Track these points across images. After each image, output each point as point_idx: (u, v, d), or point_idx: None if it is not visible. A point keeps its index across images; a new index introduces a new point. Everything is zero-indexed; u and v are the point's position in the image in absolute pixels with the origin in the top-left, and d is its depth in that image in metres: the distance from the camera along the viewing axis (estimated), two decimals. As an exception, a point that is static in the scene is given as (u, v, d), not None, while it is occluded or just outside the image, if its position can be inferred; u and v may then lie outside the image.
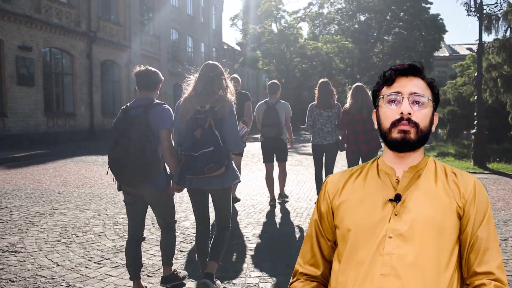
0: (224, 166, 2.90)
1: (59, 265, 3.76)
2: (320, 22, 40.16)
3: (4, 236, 4.60)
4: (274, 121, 6.05)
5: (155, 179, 2.97)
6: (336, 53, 33.68)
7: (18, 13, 15.97)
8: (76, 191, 7.21)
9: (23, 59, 16.22)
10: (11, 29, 15.80)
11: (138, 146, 2.85)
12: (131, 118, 2.96)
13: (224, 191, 3.09)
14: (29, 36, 16.63)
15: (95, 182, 8.16)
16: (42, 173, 9.24)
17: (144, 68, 3.16)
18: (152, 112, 2.99)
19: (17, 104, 16.07)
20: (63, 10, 18.54)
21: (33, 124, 16.75)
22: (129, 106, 3.09)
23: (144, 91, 3.13)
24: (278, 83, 6.53)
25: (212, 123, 2.88)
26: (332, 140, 5.99)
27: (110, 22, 22.02)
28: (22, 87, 16.25)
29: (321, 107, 6.02)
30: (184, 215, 5.59)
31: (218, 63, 3.16)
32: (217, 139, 2.85)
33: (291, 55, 35.02)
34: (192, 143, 2.87)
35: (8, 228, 4.93)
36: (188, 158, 2.87)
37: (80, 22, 19.50)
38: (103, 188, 7.47)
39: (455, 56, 52.17)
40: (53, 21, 17.82)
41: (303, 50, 34.86)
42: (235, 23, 41.76)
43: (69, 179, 8.46)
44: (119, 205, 6.16)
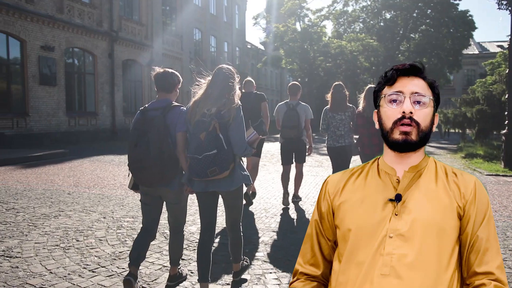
0: (227, 169, 2.88)
1: (52, 273, 3.56)
2: (345, 21, 39.48)
3: (3, 240, 4.45)
4: (294, 123, 6.01)
5: (173, 180, 3.06)
6: (361, 51, 33.02)
7: (40, 14, 16.13)
8: (86, 192, 7.07)
9: (46, 59, 16.38)
10: (34, 29, 15.96)
11: (157, 147, 2.92)
12: (149, 120, 3.02)
13: (231, 193, 3.08)
14: (52, 36, 16.78)
15: (107, 182, 8.03)
16: (56, 172, 9.19)
17: (162, 70, 3.21)
18: (170, 114, 3.06)
19: (39, 104, 16.23)
20: (85, 10, 18.66)
21: (54, 124, 16.90)
22: (147, 107, 3.14)
23: (162, 93, 3.19)
24: (298, 84, 6.44)
25: (216, 126, 2.87)
26: (344, 142, 5.92)
27: (132, 22, 22.09)
28: (44, 86, 16.41)
29: (334, 110, 5.97)
30: (192, 219, 5.35)
31: (231, 66, 3.15)
32: (220, 142, 2.85)
33: (314, 54, 34.54)
34: (196, 146, 2.87)
35: (9, 230, 4.78)
36: (193, 160, 2.88)
37: (102, 22, 19.60)
38: (114, 189, 7.31)
39: (485, 54, 50.63)
40: (75, 21, 17.96)
41: (326, 49, 34.35)
42: (257, 22, 41.48)
43: (82, 179, 8.36)
44: (127, 207, 5.97)
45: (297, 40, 34.02)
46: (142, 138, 2.97)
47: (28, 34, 15.71)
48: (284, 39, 34.40)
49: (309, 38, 34.12)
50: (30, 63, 15.82)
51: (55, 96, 16.96)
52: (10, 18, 14.98)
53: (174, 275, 3.38)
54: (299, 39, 33.97)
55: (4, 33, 15.05)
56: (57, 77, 16.97)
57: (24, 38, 15.58)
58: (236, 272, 3.41)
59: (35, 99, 16.07)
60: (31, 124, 15.92)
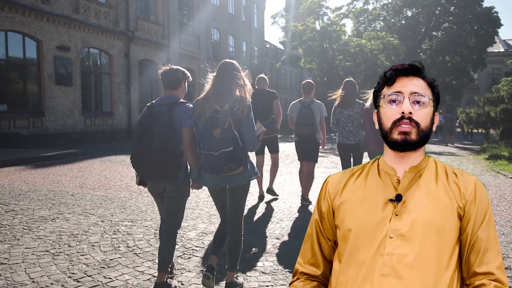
0: (242, 165, 2.93)
1: (34, 282, 3.35)
2: (365, 19, 38.75)
3: (-6, 244, 4.28)
4: (308, 120, 6.01)
5: (176, 175, 3.05)
6: (381, 50, 32.32)
7: (56, 14, 16.17)
8: (90, 193, 6.90)
9: (62, 59, 16.42)
10: (50, 29, 16.02)
11: (159, 142, 2.94)
12: (155, 116, 3.04)
13: (242, 187, 3.13)
14: (68, 36, 16.82)
15: (113, 183, 7.86)
16: (65, 173, 9.08)
17: (168, 67, 3.25)
18: (175, 111, 3.07)
19: (55, 104, 16.28)
20: (101, 10, 18.67)
21: (70, 123, 16.93)
22: (154, 103, 3.18)
23: (168, 90, 3.22)
24: (312, 82, 6.45)
25: (231, 123, 2.89)
26: (354, 140, 5.91)
27: (149, 22, 22.05)
28: (60, 86, 16.46)
29: (342, 106, 5.97)
30: (193, 224, 5.10)
31: (235, 61, 3.17)
32: (236, 139, 2.88)
33: (333, 53, 33.99)
34: (211, 142, 2.88)
35: (2, 234, 4.61)
36: (208, 157, 2.90)
37: (119, 22, 19.59)
38: (119, 191, 7.13)
39: (511, 52, 49.12)
40: (91, 21, 17.98)
41: (346, 48, 33.77)
42: (276, 21, 41.10)
43: (88, 180, 8.21)
44: (128, 210, 5.76)
45: (315, 39, 33.52)
46: (146, 133, 3.00)
47: (44, 35, 15.77)
48: (302, 38, 33.96)
49: (328, 37, 33.57)
50: (46, 63, 15.88)
51: (71, 96, 17.00)
52: (26, 18, 15.05)
53: (160, 284, 3.12)
54: (318, 38, 33.47)
55: (20, 33, 15.13)
56: (73, 77, 17.01)
57: (40, 38, 15.64)
58: (229, 284, 3.17)
59: (51, 99, 16.12)
60: (47, 124, 15.98)
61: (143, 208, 5.86)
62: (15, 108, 15.07)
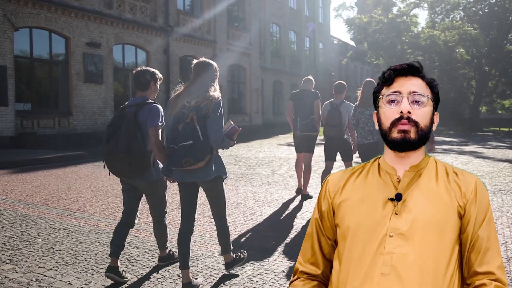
0: (202, 160, 2.97)
1: None
2: (443, 9, 34.93)
3: None
4: (335, 122, 6.13)
5: (144, 173, 3.23)
6: (457, 41, 28.71)
7: (86, 9, 15.58)
8: (71, 205, 5.63)
9: (91, 56, 15.81)
10: (78, 25, 15.44)
11: (126, 142, 3.11)
12: (124, 116, 3.21)
13: (208, 184, 3.16)
14: (99, 32, 16.18)
15: (105, 192, 6.57)
16: (70, 176, 8.20)
17: (139, 69, 3.40)
18: (141, 111, 3.22)
19: (84, 102, 15.70)
20: (137, 5, 17.89)
21: (100, 123, 16.24)
22: (126, 105, 3.34)
23: (138, 91, 3.39)
24: (344, 84, 6.47)
25: (194, 118, 2.97)
26: (373, 139, 5.69)
27: (192, 16, 21.03)
28: (89, 84, 15.86)
29: (363, 106, 5.77)
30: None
31: (210, 61, 3.24)
32: (197, 134, 2.94)
33: (402, 46, 30.91)
34: (175, 136, 2.98)
35: None
36: (170, 150, 3.01)
37: (157, 17, 18.74)
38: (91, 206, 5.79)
39: None
40: (125, 16, 17.25)
41: (417, 40, 30.56)
42: (339, 14, 38.59)
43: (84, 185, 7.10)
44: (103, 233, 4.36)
45: (382, 32, 30.70)
46: (115, 133, 3.16)
47: (72, 31, 15.21)
48: (368, 31, 31.32)
49: (396, 29, 30.60)
50: (74, 60, 15.32)
51: (101, 94, 16.36)
52: (52, 14, 14.55)
53: (163, 257, 3.62)
54: (385, 30, 30.61)
55: (46, 30, 14.67)
56: (104, 74, 16.34)
57: (68, 35, 15.10)
58: (228, 263, 3.40)
59: (79, 97, 15.55)
60: (75, 123, 15.42)
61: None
62: (39, 107, 14.64)
